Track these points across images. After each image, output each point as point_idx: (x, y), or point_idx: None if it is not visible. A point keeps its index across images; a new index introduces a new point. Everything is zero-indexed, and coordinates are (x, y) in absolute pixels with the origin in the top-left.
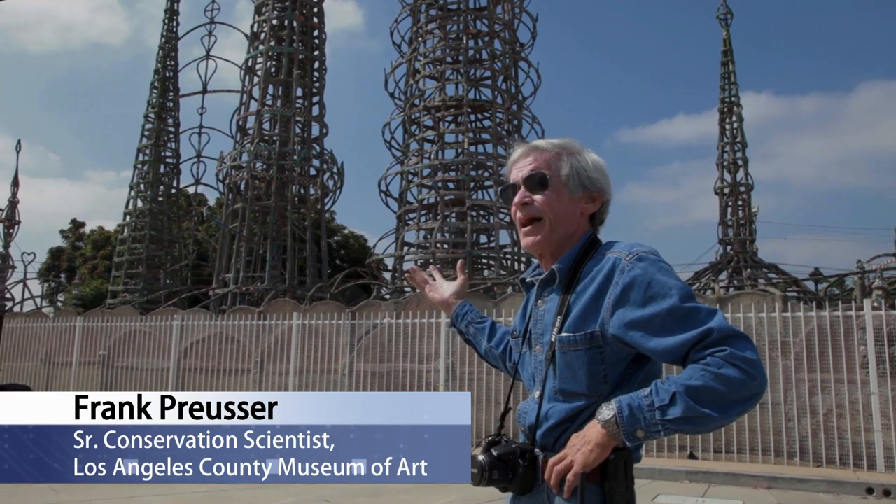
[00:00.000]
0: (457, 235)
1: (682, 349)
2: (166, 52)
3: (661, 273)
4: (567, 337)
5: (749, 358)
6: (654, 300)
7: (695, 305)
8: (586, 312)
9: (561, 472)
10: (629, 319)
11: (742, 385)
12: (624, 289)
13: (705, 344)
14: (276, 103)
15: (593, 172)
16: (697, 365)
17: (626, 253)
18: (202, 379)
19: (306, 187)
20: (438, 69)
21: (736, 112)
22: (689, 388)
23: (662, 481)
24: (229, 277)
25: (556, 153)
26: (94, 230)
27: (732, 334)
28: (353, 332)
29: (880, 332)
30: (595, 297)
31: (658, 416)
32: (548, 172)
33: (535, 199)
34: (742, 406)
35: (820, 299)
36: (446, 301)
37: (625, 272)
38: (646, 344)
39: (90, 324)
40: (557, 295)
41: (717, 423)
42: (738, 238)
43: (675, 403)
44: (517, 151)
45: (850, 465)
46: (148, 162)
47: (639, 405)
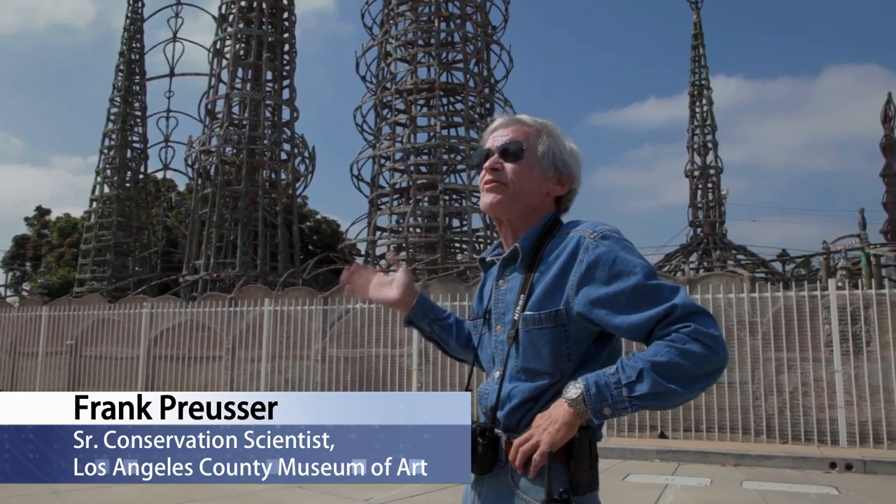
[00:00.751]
0: (429, 219)
1: (646, 325)
2: (132, 34)
3: (625, 251)
4: (531, 315)
5: (713, 333)
6: (618, 278)
7: (658, 283)
8: (550, 290)
9: (527, 453)
10: (594, 297)
11: (706, 360)
12: (589, 266)
13: (670, 320)
14: (246, 87)
15: (568, 157)
16: (662, 341)
17: (590, 231)
18: (173, 367)
19: (277, 172)
20: (410, 52)
21: (706, 95)
22: (656, 365)
23: (633, 461)
24: (200, 264)
25: (536, 129)
26: (60, 217)
27: (696, 310)
28: (326, 318)
29: (844, 312)
30: (559, 275)
31: (625, 392)
32: (525, 145)
33: (506, 167)
34: (705, 381)
35: (787, 280)
36: (400, 300)
37: (589, 250)
38: (611, 321)
39: (57, 313)
40: (520, 273)
41: (682, 398)
42: (708, 220)
43: (642, 380)
44: (499, 121)
45: (815, 442)
46: (114, 147)
47: (605, 383)
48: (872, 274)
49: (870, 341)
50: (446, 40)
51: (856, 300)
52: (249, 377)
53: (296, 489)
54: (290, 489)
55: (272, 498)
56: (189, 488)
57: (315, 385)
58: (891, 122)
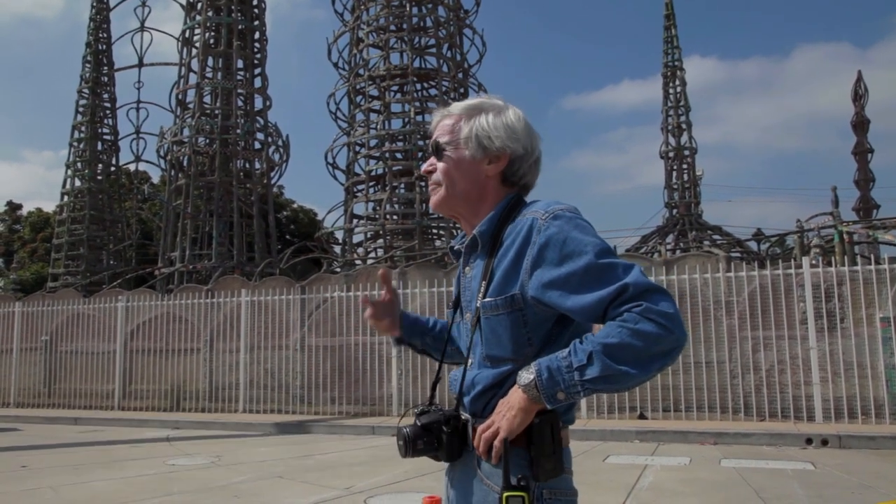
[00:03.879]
0: (406, 206)
1: (599, 306)
2: (98, 24)
3: (577, 230)
4: (489, 302)
5: (665, 311)
6: (569, 258)
7: (611, 261)
8: (507, 275)
9: (489, 439)
10: (546, 280)
11: (659, 339)
12: (540, 248)
13: (622, 300)
14: (217, 76)
15: (496, 132)
16: (614, 322)
17: (542, 212)
18: (150, 360)
19: (251, 161)
20: (382, 38)
21: (679, 76)
22: (606, 347)
23: (613, 442)
24: (175, 256)
25: (459, 116)
26: (31, 212)
27: (649, 288)
28: (304, 307)
29: (818, 289)
30: (515, 259)
31: (577, 376)
32: (447, 139)
33: (438, 167)
34: (661, 361)
35: (762, 259)
36: (393, 327)
37: (541, 231)
38: (564, 303)
39: (31, 308)
40: (482, 260)
41: (636, 379)
42: (684, 201)
43: (593, 363)
44: (433, 117)
45: (791, 418)
46: (84, 139)
47: (557, 367)
48: (846, 251)
49: (844, 318)
50: (418, 25)
51: (829, 277)
52: (228, 368)
53: (275, 480)
54: (270, 480)
55: (252, 489)
56: (168, 481)
57: (295, 375)
58: (861, 100)
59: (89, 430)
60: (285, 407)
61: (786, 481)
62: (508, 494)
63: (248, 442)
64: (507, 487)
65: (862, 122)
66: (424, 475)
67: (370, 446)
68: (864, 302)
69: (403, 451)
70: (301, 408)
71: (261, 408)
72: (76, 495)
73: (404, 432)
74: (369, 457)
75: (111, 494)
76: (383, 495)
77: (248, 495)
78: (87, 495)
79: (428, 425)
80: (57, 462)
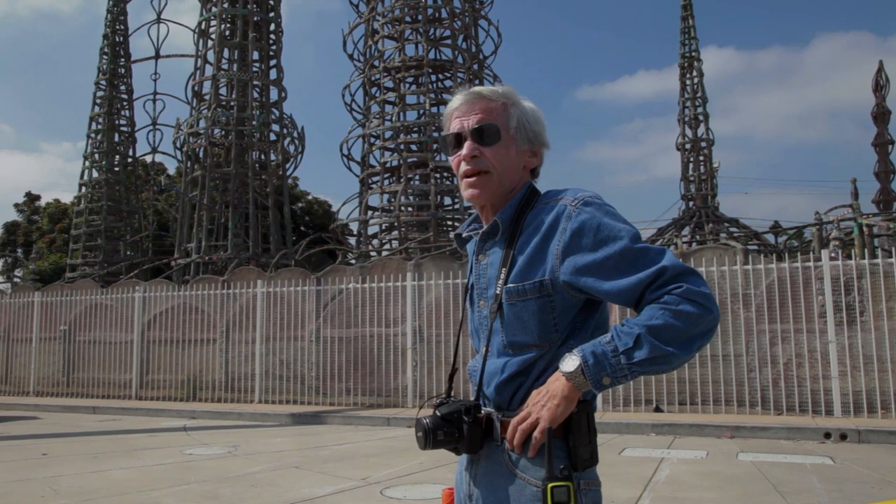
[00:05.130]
0: (421, 198)
1: (637, 289)
2: (115, 16)
3: (609, 217)
4: (514, 287)
5: (704, 292)
6: (604, 243)
7: (645, 246)
8: (533, 261)
9: (526, 431)
10: (581, 265)
11: (700, 319)
12: (573, 234)
13: (660, 283)
14: (233, 67)
15: (535, 125)
16: (655, 304)
17: (571, 199)
18: (167, 351)
19: (266, 153)
20: (397, 29)
21: (696, 67)
22: (652, 329)
23: (629, 435)
24: (191, 247)
25: (502, 103)
26: (50, 203)
27: (685, 271)
28: (319, 299)
29: (837, 282)
30: (541, 245)
31: (624, 360)
32: (498, 124)
33: (485, 152)
34: (701, 340)
35: (780, 252)
36: None
37: (572, 218)
38: (600, 287)
39: (49, 298)
40: (500, 248)
41: (680, 360)
42: (700, 193)
43: (640, 346)
44: (459, 98)
45: (809, 412)
46: (101, 131)
47: (602, 352)
48: (865, 244)
49: (863, 311)
50: (433, 16)
51: (849, 270)
52: (244, 359)
53: (292, 470)
54: (287, 470)
55: (268, 478)
56: (186, 470)
57: (310, 366)
58: (882, 91)
59: (107, 419)
60: (300, 398)
61: (804, 476)
62: (553, 485)
63: (264, 432)
64: (552, 478)
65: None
66: (440, 466)
67: (385, 437)
68: (885, 295)
69: (423, 442)
70: (316, 399)
71: (276, 398)
72: (96, 483)
73: (424, 423)
74: (384, 448)
75: (130, 483)
76: (399, 486)
77: (265, 485)
78: (107, 483)
79: (448, 416)
80: (76, 450)
